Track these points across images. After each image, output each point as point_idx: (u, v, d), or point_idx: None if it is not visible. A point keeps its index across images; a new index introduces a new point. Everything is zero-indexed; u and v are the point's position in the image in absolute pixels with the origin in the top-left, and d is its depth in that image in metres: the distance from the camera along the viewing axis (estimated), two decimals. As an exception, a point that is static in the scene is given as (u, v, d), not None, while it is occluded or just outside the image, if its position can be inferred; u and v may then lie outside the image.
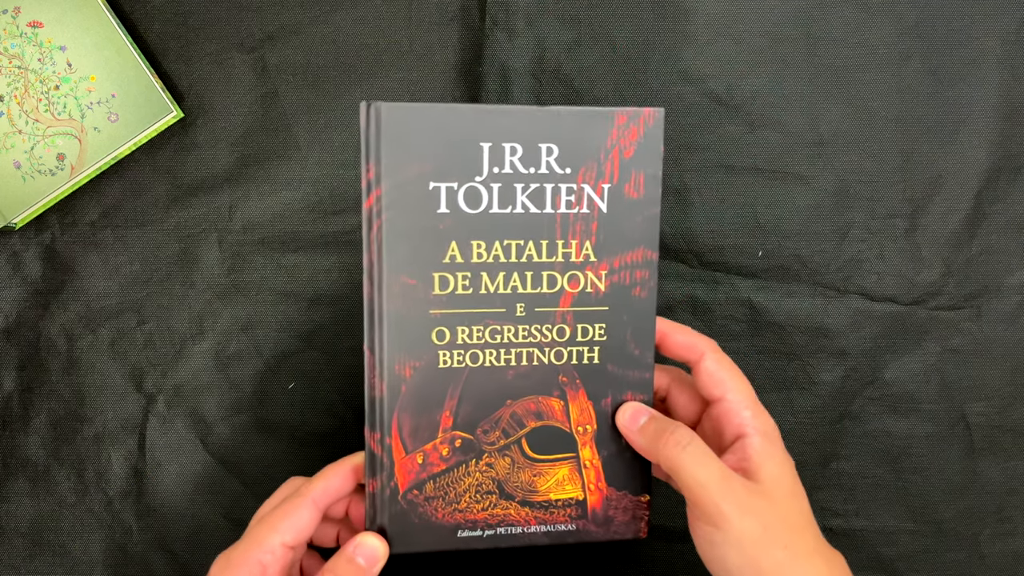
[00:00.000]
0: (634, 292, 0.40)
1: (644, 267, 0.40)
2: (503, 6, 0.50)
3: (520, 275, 0.40)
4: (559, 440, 0.41)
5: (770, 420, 0.40)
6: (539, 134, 0.39)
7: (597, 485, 0.41)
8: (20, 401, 0.52)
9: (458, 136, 0.38)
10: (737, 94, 0.50)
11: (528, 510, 0.41)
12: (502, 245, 0.39)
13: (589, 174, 0.39)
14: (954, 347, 0.50)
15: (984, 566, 0.51)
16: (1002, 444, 0.51)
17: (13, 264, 0.51)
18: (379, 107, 0.38)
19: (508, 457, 0.41)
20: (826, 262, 0.50)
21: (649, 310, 0.40)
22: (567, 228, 0.40)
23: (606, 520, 0.42)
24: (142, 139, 0.50)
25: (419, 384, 0.40)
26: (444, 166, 0.38)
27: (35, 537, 0.52)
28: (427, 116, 0.38)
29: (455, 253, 0.39)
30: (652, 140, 0.39)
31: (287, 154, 0.51)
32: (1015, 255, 0.50)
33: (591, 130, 0.39)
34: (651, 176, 0.39)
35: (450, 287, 0.39)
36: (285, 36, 0.51)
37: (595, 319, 0.40)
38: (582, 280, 0.40)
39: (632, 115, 0.39)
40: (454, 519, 0.41)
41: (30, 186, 0.50)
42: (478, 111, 0.38)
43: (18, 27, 0.49)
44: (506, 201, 0.39)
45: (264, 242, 0.51)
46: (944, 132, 0.50)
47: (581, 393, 0.41)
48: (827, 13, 0.50)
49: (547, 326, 0.40)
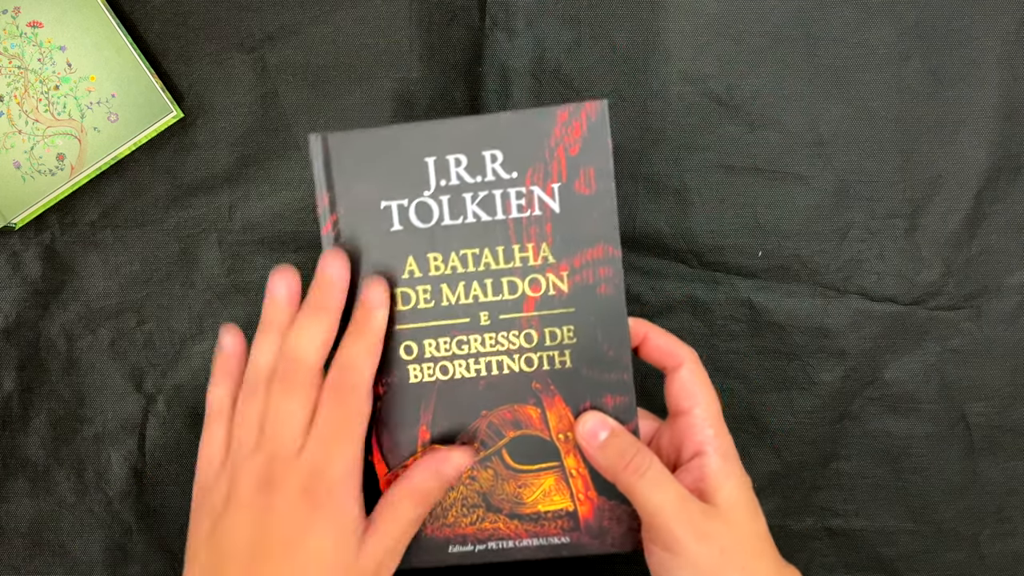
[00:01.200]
0: (599, 290, 0.39)
1: (606, 263, 0.39)
2: (503, 6, 0.50)
3: (480, 283, 0.40)
4: (541, 449, 0.40)
5: (730, 439, 0.39)
6: (481, 142, 0.39)
7: (587, 494, 0.40)
8: (20, 401, 0.52)
9: (403, 154, 0.39)
10: (737, 94, 0.50)
11: (518, 523, 0.41)
12: (458, 255, 0.39)
13: (536, 175, 0.39)
14: (954, 347, 0.50)
15: (984, 566, 0.51)
16: (1002, 444, 0.51)
17: (13, 264, 0.51)
18: (327, 137, 0.39)
19: (490, 468, 0.41)
20: (826, 262, 0.50)
21: (617, 307, 0.39)
22: (521, 232, 0.39)
23: (601, 532, 0.41)
24: (142, 139, 0.50)
25: (393, 401, 0.40)
26: (393, 185, 0.39)
27: (35, 537, 0.52)
28: (372, 139, 0.39)
29: (413, 267, 0.39)
30: (598, 134, 0.39)
31: (287, 154, 0.51)
32: (1015, 255, 0.50)
33: (532, 131, 0.39)
34: (602, 171, 0.39)
35: (412, 302, 0.40)
36: (285, 36, 0.51)
37: (562, 321, 0.39)
38: (543, 283, 0.39)
39: (573, 111, 0.39)
40: (443, 534, 0.41)
41: (30, 186, 0.50)
42: (419, 128, 0.39)
43: (18, 27, 0.49)
44: (457, 212, 0.39)
45: (264, 242, 0.51)
46: (944, 132, 0.50)
47: (557, 399, 0.40)
48: (827, 13, 0.50)
49: (513, 332, 0.40)
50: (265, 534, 0.36)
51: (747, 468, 0.51)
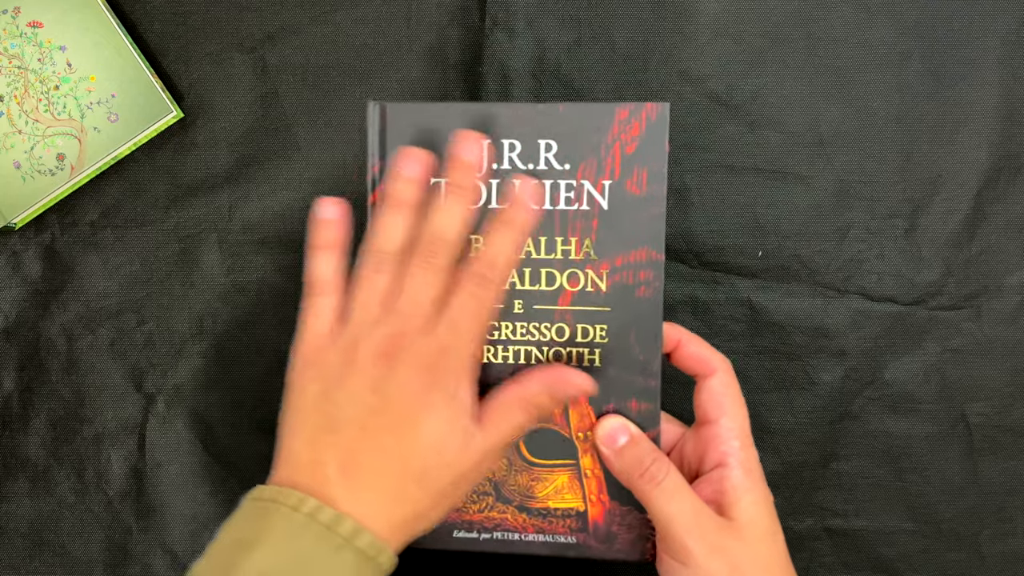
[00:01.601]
0: (638, 293, 0.39)
1: (648, 267, 0.39)
2: (503, 6, 0.50)
3: (518, 271, 0.39)
4: (559, 445, 0.40)
5: (755, 455, 0.39)
6: (538, 130, 0.39)
7: (599, 497, 0.40)
8: (20, 401, 0.52)
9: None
10: (737, 94, 0.50)
11: (526, 516, 0.40)
12: None
13: (589, 170, 0.39)
14: (954, 347, 0.50)
15: (984, 566, 0.51)
16: (1002, 444, 0.51)
17: (13, 264, 0.51)
18: (385, 107, 0.39)
19: (505, 458, 0.40)
20: (826, 262, 0.50)
21: (654, 312, 0.39)
22: (566, 225, 0.39)
23: (608, 536, 0.40)
24: (142, 139, 0.50)
25: None
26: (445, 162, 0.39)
27: (35, 537, 0.52)
28: (429, 114, 0.39)
29: None
30: (656, 135, 0.38)
31: (287, 154, 0.51)
32: (1015, 255, 0.50)
33: (590, 125, 0.38)
34: (655, 173, 0.38)
35: None
36: (285, 36, 0.51)
37: (596, 319, 0.39)
38: (582, 279, 0.39)
39: (634, 110, 0.38)
40: (450, 518, 0.40)
41: (30, 186, 0.50)
42: (478, 108, 0.39)
43: (18, 27, 0.49)
44: (504, 197, 0.39)
45: (264, 242, 0.51)
46: (944, 132, 0.50)
47: (582, 398, 0.39)
48: (827, 13, 0.50)
49: (545, 324, 0.39)
50: (384, 404, 0.35)
51: (747, 468, 0.51)
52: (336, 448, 0.36)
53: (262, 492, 0.36)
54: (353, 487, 0.35)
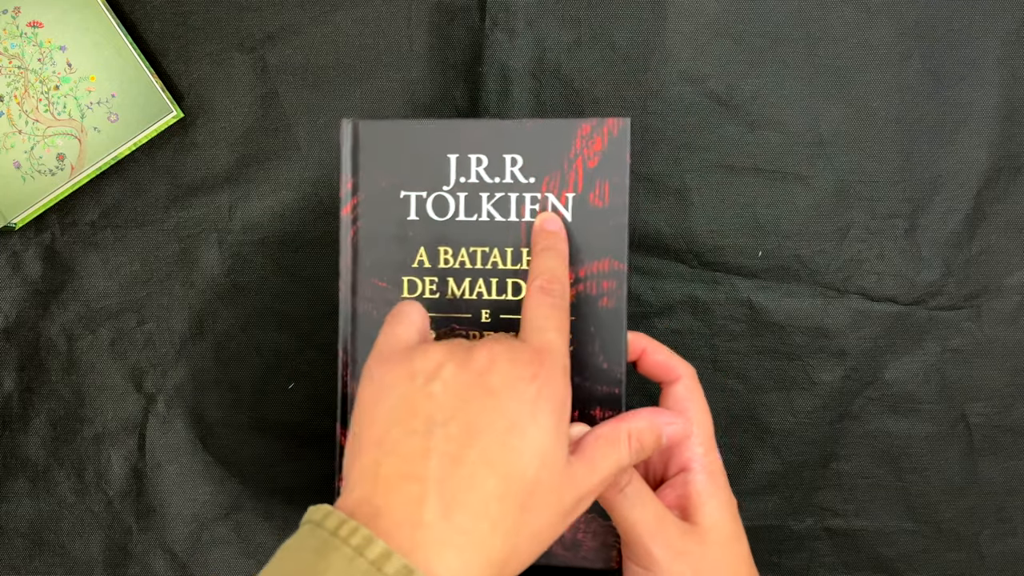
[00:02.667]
0: (601, 303, 0.40)
1: (611, 277, 0.40)
2: (503, 6, 0.50)
3: (485, 281, 0.40)
4: None
5: (719, 460, 0.39)
6: (503, 145, 0.40)
7: None
8: (20, 401, 0.52)
9: (428, 148, 0.40)
10: (737, 94, 0.50)
11: None
12: (468, 252, 0.40)
13: (553, 183, 0.40)
14: (954, 347, 0.50)
15: (984, 566, 0.51)
16: (1002, 444, 0.51)
17: (13, 264, 0.51)
18: (358, 124, 0.40)
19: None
20: (826, 262, 0.50)
21: (618, 321, 0.40)
22: (531, 236, 0.40)
23: (574, 544, 0.41)
24: (142, 139, 0.50)
25: None
26: (414, 176, 0.40)
27: (35, 537, 0.52)
28: (400, 131, 0.41)
29: (423, 258, 0.40)
30: (617, 150, 0.40)
31: (287, 154, 0.51)
32: (1015, 255, 0.50)
33: (554, 140, 0.40)
34: (617, 186, 0.40)
35: (418, 290, 0.41)
36: (285, 36, 0.51)
37: None
38: None
39: (596, 125, 0.39)
40: None
41: (30, 186, 0.50)
42: (446, 125, 0.41)
43: (18, 27, 0.49)
44: (472, 209, 0.40)
45: (264, 242, 0.51)
46: (944, 132, 0.50)
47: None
48: (827, 13, 0.50)
49: (513, 333, 0.40)
50: (491, 401, 0.31)
51: (747, 468, 0.51)
52: (432, 455, 0.30)
53: (326, 517, 0.30)
54: (450, 510, 0.29)
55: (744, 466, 0.51)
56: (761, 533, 0.51)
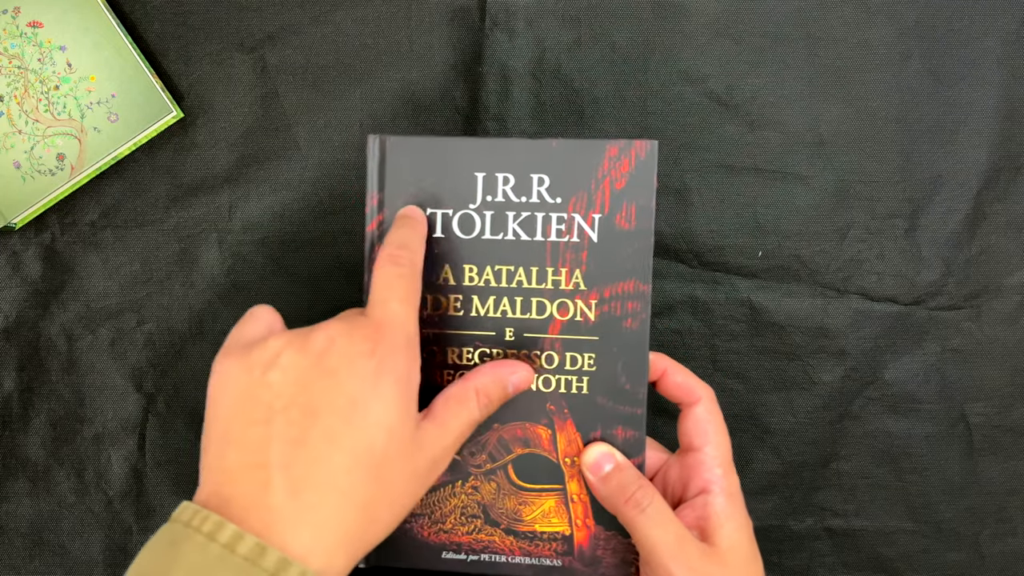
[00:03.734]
0: (625, 324, 0.40)
1: (636, 299, 0.40)
2: (503, 6, 0.50)
3: (510, 300, 0.40)
4: (546, 470, 0.41)
5: (737, 481, 0.40)
6: (531, 164, 0.40)
7: (584, 522, 0.41)
8: (20, 401, 0.52)
9: (455, 166, 0.40)
10: (737, 94, 0.50)
11: (513, 539, 0.41)
12: (493, 270, 0.40)
13: (579, 204, 0.40)
14: (954, 347, 0.50)
15: (984, 566, 0.51)
16: (1002, 444, 0.51)
17: (13, 264, 0.51)
18: (385, 139, 0.40)
19: (494, 482, 0.41)
20: (826, 262, 0.50)
21: (641, 343, 0.40)
22: (557, 256, 0.40)
23: (593, 560, 0.41)
24: (142, 139, 0.50)
25: None
26: (441, 194, 0.40)
27: (35, 537, 0.52)
28: (427, 147, 0.40)
29: (448, 276, 0.40)
30: (644, 172, 0.40)
31: (287, 154, 0.51)
32: (1015, 255, 0.50)
33: (582, 161, 0.40)
34: (643, 208, 0.40)
35: (442, 307, 0.41)
36: (285, 36, 0.51)
37: (584, 348, 0.40)
38: (571, 308, 0.40)
39: (623, 147, 0.40)
40: (439, 539, 0.41)
41: (30, 186, 0.50)
42: (474, 143, 0.41)
43: (18, 27, 0.49)
44: (498, 228, 0.40)
45: (264, 242, 0.51)
46: (944, 132, 0.50)
47: (569, 423, 0.41)
48: (827, 13, 0.50)
49: (535, 352, 0.40)
50: (330, 382, 0.32)
51: (747, 468, 0.51)
52: (273, 441, 0.31)
53: (182, 512, 0.32)
54: (297, 490, 0.31)
55: (744, 466, 0.51)
56: (761, 533, 0.51)
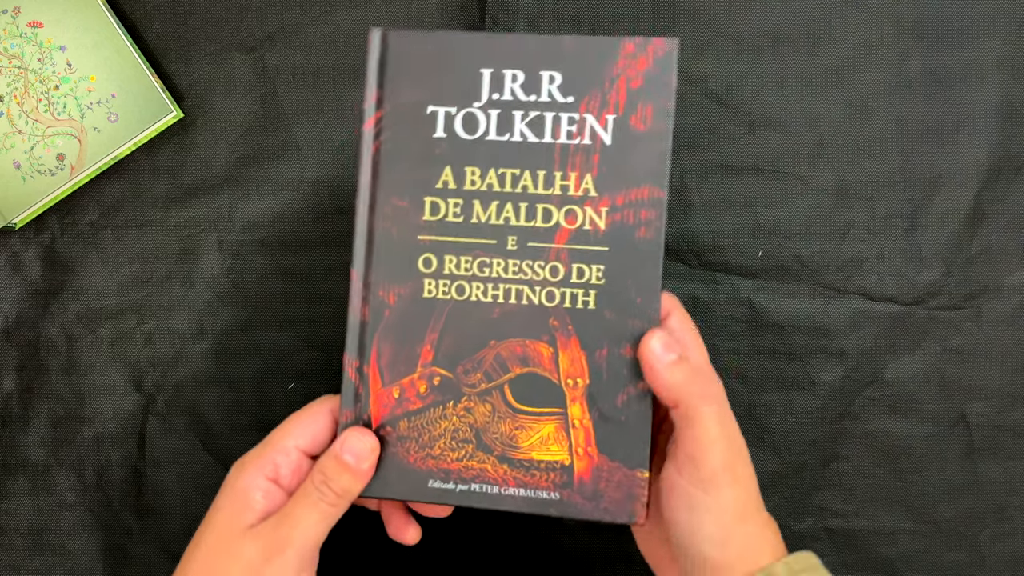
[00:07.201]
0: (638, 233, 0.37)
1: (651, 206, 0.37)
2: (503, 6, 0.50)
3: (514, 206, 0.38)
4: (546, 392, 0.38)
5: (719, 395, 0.37)
6: (542, 61, 0.38)
7: (586, 450, 0.38)
8: (20, 401, 0.52)
9: (460, 62, 0.38)
10: (737, 94, 0.50)
11: (507, 468, 0.38)
12: (497, 173, 0.38)
13: (592, 103, 0.38)
14: (954, 347, 0.50)
15: (984, 566, 0.51)
16: (1002, 444, 0.51)
17: (13, 264, 0.51)
18: (387, 33, 0.38)
19: (489, 403, 0.38)
20: (826, 262, 0.50)
21: (654, 253, 0.37)
22: (566, 159, 0.38)
23: (595, 494, 0.37)
24: (142, 139, 0.50)
25: (402, 312, 0.38)
26: (443, 91, 0.38)
27: (35, 537, 0.52)
28: (431, 42, 0.38)
29: (448, 179, 0.38)
30: (663, 71, 0.37)
31: (287, 154, 0.51)
32: (1015, 255, 0.50)
33: (596, 58, 0.37)
34: (660, 109, 0.37)
35: (441, 213, 0.38)
36: (285, 36, 0.51)
37: (593, 259, 0.38)
38: (580, 216, 0.38)
39: (640, 44, 0.37)
40: (426, 465, 0.38)
41: (30, 186, 0.50)
42: (481, 38, 0.38)
43: (18, 27, 0.49)
44: (504, 128, 0.38)
45: (264, 242, 0.51)
46: (944, 132, 0.50)
47: (573, 341, 0.38)
48: (827, 13, 0.50)
49: (539, 263, 0.38)
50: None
51: (747, 468, 0.51)
52: None
53: None
54: None
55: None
56: (761, 533, 0.51)
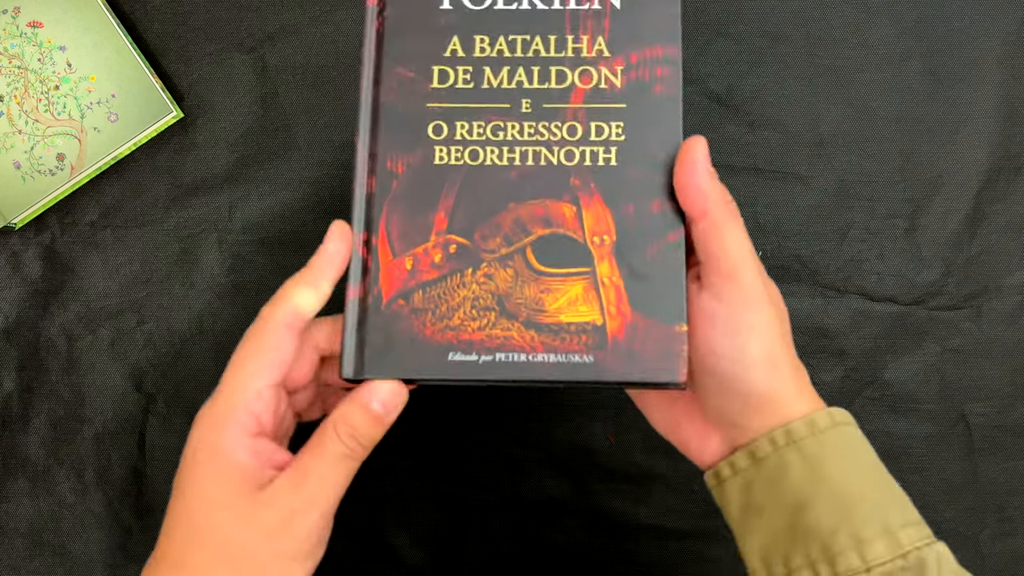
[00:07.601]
0: (655, 90, 0.36)
1: (665, 64, 0.37)
2: (503, 6, 0.50)
3: (526, 69, 0.37)
4: (571, 252, 0.36)
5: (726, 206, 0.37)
6: None
7: (619, 308, 0.35)
8: (20, 401, 0.52)
9: None
10: (737, 94, 0.50)
11: (534, 333, 0.35)
12: (506, 40, 0.37)
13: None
14: (954, 347, 0.50)
15: (984, 566, 0.51)
16: (1002, 444, 0.51)
17: (13, 264, 0.51)
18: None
19: (511, 268, 0.36)
20: (826, 262, 0.50)
21: (672, 108, 0.36)
22: (577, 23, 0.37)
23: (631, 355, 0.35)
24: (142, 139, 0.50)
25: (412, 181, 0.37)
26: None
27: (35, 537, 0.52)
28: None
29: (456, 47, 0.37)
30: None
31: (287, 154, 0.51)
32: (1015, 255, 0.50)
33: None
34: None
35: (450, 80, 0.37)
36: (285, 36, 0.51)
37: (611, 117, 0.36)
38: (595, 75, 0.37)
39: None
40: (445, 338, 0.35)
41: (30, 186, 0.50)
42: None
43: (18, 27, 0.49)
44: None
45: (264, 242, 0.51)
46: (944, 132, 0.50)
47: (596, 198, 0.36)
48: (827, 13, 0.50)
49: (556, 123, 0.37)
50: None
51: (747, 468, 0.51)
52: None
53: None
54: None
55: (744, 466, 0.51)
56: (761, 533, 0.51)
